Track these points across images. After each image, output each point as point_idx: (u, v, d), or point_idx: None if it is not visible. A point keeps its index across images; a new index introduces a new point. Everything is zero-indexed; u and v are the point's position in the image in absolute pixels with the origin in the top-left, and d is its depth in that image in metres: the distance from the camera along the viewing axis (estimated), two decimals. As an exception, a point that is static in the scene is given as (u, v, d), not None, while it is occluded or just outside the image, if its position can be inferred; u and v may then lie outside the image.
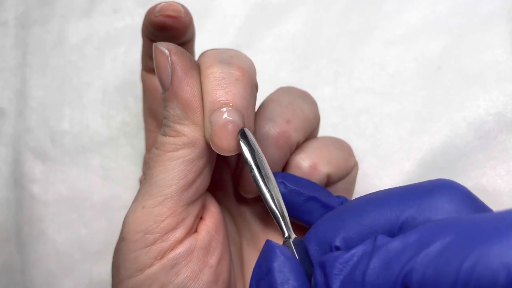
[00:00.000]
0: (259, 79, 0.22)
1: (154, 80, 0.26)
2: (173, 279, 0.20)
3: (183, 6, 0.22)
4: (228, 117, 0.19)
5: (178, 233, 0.20)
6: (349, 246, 0.18)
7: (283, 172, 0.23)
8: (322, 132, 0.34)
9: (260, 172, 0.19)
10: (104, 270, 0.33)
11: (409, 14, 0.35)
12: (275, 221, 0.19)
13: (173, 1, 0.22)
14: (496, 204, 0.31)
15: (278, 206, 0.19)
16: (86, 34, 0.37)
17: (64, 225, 0.34)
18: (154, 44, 0.21)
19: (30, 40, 0.37)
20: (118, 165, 0.35)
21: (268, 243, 0.18)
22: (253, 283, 0.19)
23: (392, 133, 0.33)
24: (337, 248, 0.18)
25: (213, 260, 0.21)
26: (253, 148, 0.19)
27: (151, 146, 0.27)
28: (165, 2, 0.22)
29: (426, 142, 0.32)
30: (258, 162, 0.19)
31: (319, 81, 0.35)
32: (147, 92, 0.27)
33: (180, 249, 0.20)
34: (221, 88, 0.20)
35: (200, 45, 0.36)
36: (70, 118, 0.35)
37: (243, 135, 0.19)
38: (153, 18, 0.22)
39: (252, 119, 0.21)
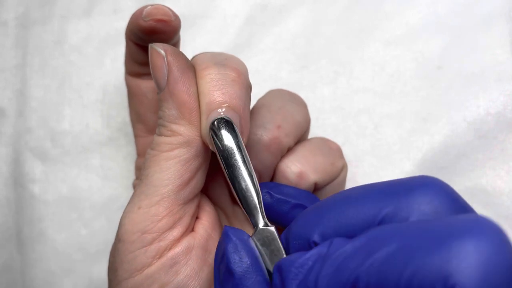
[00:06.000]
0: (259, 79, 0.22)
1: (140, 84, 0.25)
2: (173, 278, 0.20)
3: (170, 9, 0.22)
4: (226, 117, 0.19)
5: (176, 232, 0.20)
6: None
7: (268, 182, 0.23)
8: (322, 132, 0.34)
9: (225, 162, 0.19)
10: (104, 270, 0.33)
11: (409, 14, 0.35)
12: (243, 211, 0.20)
13: (161, 5, 0.22)
14: (496, 204, 0.31)
15: (241, 195, 0.19)
16: (86, 34, 0.37)
17: (64, 225, 0.34)
18: (150, 45, 0.21)
19: (30, 40, 0.37)
20: (118, 165, 0.35)
21: (224, 229, 0.19)
22: (215, 270, 0.19)
23: (392, 133, 0.33)
24: (315, 244, 0.18)
25: (211, 258, 0.21)
26: (222, 141, 0.19)
27: (142, 152, 0.27)
28: (152, 6, 0.22)
29: (426, 142, 0.32)
30: (229, 154, 0.19)
31: (319, 81, 0.35)
32: (133, 97, 0.26)
33: (178, 248, 0.20)
34: (218, 89, 0.20)
35: (200, 45, 0.36)
36: (70, 118, 0.35)
37: (212, 126, 0.19)
38: (142, 22, 0.22)
39: (248, 119, 0.21)
